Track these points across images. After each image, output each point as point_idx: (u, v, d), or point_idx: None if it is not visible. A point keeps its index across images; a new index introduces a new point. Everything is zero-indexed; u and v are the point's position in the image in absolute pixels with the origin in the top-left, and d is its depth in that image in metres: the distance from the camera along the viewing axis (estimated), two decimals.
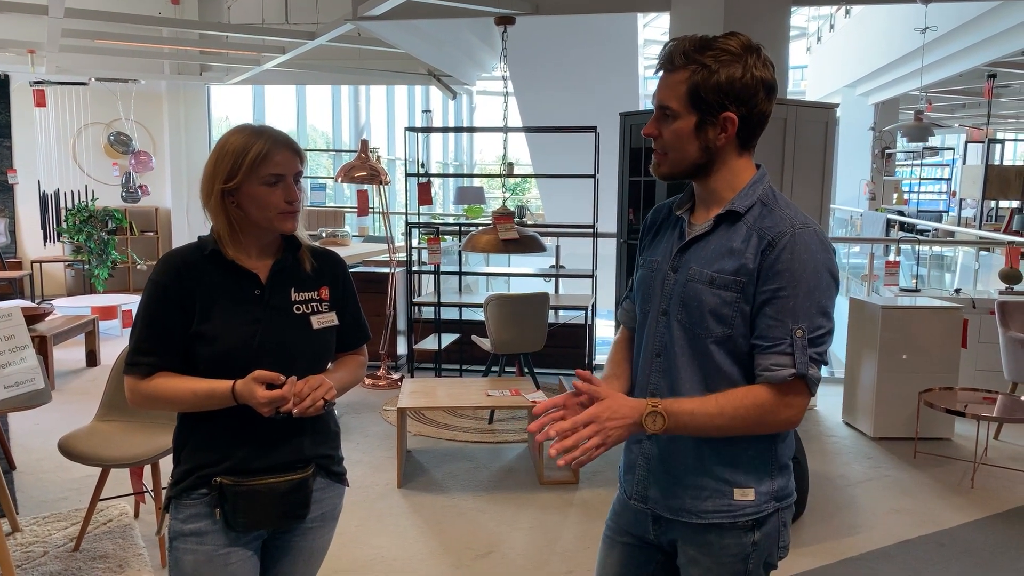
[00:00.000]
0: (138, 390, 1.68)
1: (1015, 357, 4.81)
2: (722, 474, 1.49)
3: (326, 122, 14.32)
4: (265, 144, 1.65)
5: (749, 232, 1.45)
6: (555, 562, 3.31)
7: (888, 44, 11.01)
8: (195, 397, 1.65)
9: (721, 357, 1.47)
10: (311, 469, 1.75)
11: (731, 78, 1.42)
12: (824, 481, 4.18)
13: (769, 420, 1.43)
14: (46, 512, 3.67)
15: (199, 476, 1.68)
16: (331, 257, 1.85)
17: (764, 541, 1.51)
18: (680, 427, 1.42)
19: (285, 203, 1.67)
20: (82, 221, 8.60)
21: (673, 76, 1.46)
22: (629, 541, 1.64)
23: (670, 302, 1.52)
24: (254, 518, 1.69)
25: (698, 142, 1.46)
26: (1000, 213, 10.84)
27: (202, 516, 1.68)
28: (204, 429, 1.70)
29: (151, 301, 1.67)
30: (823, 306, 1.42)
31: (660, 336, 1.54)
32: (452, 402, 4.30)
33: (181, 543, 1.69)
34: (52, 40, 6.79)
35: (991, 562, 3.36)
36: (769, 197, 1.49)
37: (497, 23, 5.72)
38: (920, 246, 7.30)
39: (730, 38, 1.45)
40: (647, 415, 1.40)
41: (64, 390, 5.74)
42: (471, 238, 4.83)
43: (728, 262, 1.45)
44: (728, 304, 1.45)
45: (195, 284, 1.66)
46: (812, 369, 1.41)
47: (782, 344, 1.41)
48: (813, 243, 1.42)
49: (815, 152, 4.66)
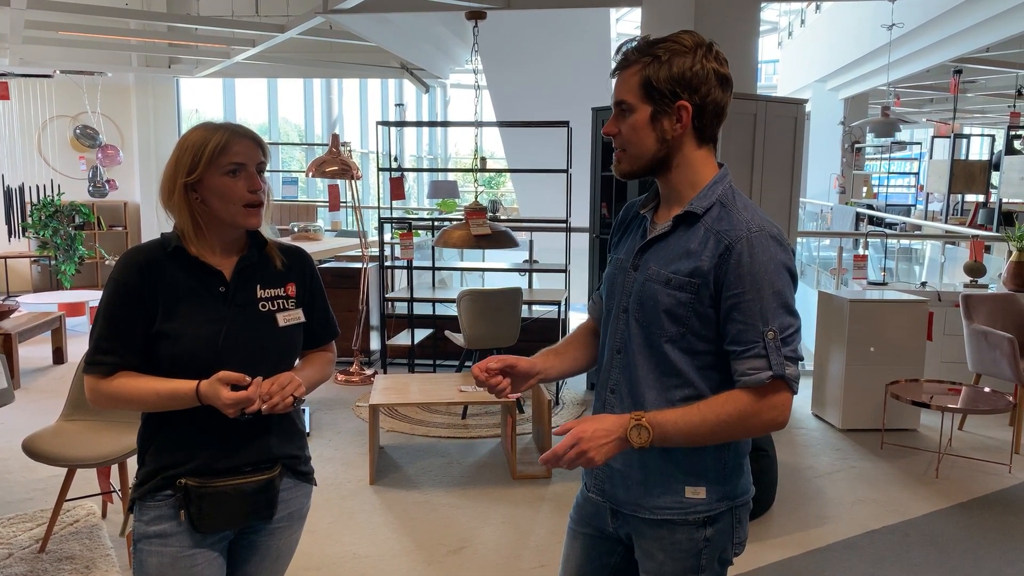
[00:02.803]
0: (99, 390, 1.66)
1: (979, 349, 4.91)
2: (674, 472, 1.51)
3: (298, 115, 14.18)
4: (224, 135, 1.65)
5: (707, 234, 1.46)
6: (527, 556, 3.33)
7: (857, 40, 11.13)
8: (158, 397, 1.63)
9: (676, 356, 1.49)
10: (278, 469, 1.74)
11: (682, 68, 1.44)
12: (793, 472, 4.23)
13: (753, 424, 1.44)
14: (11, 513, 3.61)
15: (163, 477, 1.67)
16: (298, 253, 1.84)
17: (717, 537, 1.53)
18: (665, 438, 1.43)
19: (248, 192, 1.66)
20: (48, 216, 8.45)
21: (627, 71, 1.48)
22: (591, 532, 1.67)
23: (629, 300, 1.54)
24: (220, 519, 1.68)
25: (654, 133, 1.47)
26: (965, 207, 11.02)
27: (167, 518, 1.67)
28: (168, 429, 1.68)
29: (112, 299, 1.65)
30: (788, 304, 1.44)
31: (620, 333, 1.56)
32: (425, 398, 4.29)
33: (146, 545, 1.67)
34: (15, 31, 6.65)
35: (953, 551, 3.43)
36: (728, 198, 1.49)
37: (468, 17, 5.70)
38: (888, 240, 7.40)
39: (683, 35, 1.47)
40: (631, 428, 1.42)
41: (30, 388, 5.65)
42: (443, 234, 4.82)
43: (684, 263, 1.46)
44: (683, 304, 1.46)
45: (157, 282, 1.64)
46: (790, 368, 1.42)
47: (755, 347, 1.42)
48: (770, 245, 1.43)
49: (785, 147, 4.70)
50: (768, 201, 4.58)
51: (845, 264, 6.66)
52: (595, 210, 5.73)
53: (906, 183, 17.72)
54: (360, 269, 6.13)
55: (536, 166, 7.28)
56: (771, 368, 1.40)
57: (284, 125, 14.42)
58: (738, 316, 1.42)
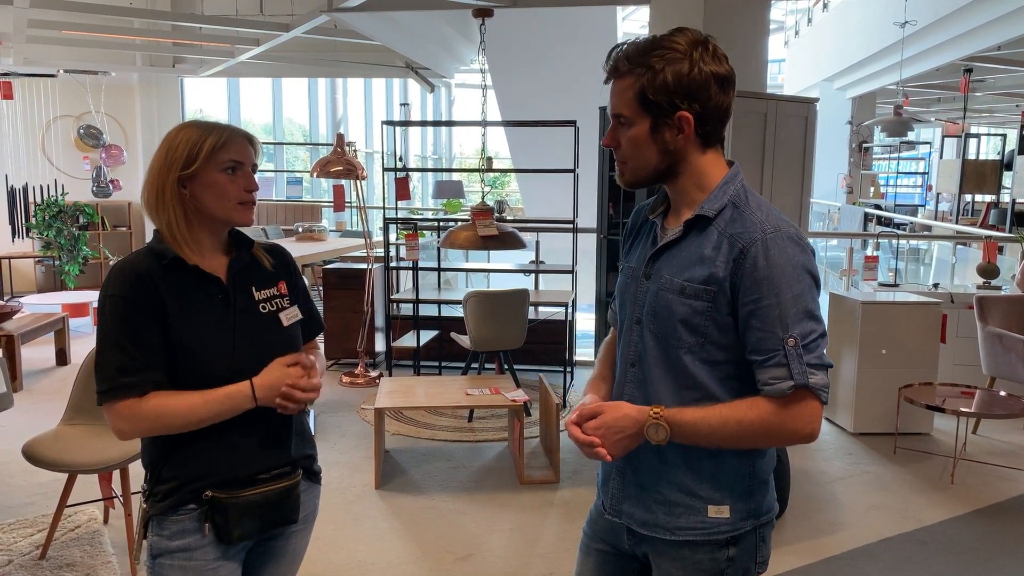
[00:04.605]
0: (138, 414, 1.54)
1: (993, 352, 4.83)
2: (696, 490, 1.45)
3: (303, 115, 14.14)
4: (223, 132, 1.62)
5: (720, 238, 1.39)
6: (536, 564, 3.26)
7: (866, 38, 11.05)
8: (208, 405, 1.56)
9: (695, 367, 1.42)
10: (299, 473, 1.72)
11: (678, 76, 1.36)
12: (805, 478, 4.16)
13: (778, 433, 1.37)
14: (12, 519, 3.56)
15: (188, 491, 1.60)
16: (280, 251, 1.81)
17: (741, 556, 1.47)
18: (684, 437, 1.37)
19: (245, 192, 1.62)
20: (51, 216, 8.40)
21: (620, 83, 1.41)
22: (605, 549, 1.61)
23: (643, 311, 1.47)
24: (248, 528, 1.64)
25: (656, 146, 1.40)
26: (976, 207, 10.92)
27: (190, 531, 1.61)
28: (184, 441, 1.60)
29: (115, 319, 1.54)
30: (809, 309, 1.36)
31: (634, 345, 1.50)
32: (430, 401, 4.23)
33: (167, 559, 1.61)
34: (18, 30, 6.61)
35: (972, 559, 3.36)
36: (741, 198, 1.42)
37: (475, 15, 5.64)
38: (898, 241, 7.32)
39: (677, 35, 1.39)
40: (649, 426, 1.37)
41: (33, 390, 5.60)
42: (449, 234, 4.76)
43: (698, 270, 1.39)
44: (699, 314, 1.39)
45: (159, 294, 1.56)
46: (814, 377, 1.34)
47: (776, 356, 1.35)
48: (788, 246, 1.36)
49: (795, 147, 4.62)
50: (779, 202, 4.51)
51: (855, 266, 6.59)
52: (602, 210, 5.66)
53: (913, 183, 17.63)
54: (365, 270, 6.08)
55: (542, 166, 7.22)
56: (792, 377, 1.33)
57: (288, 125, 14.38)
58: (756, 323, 1.35)
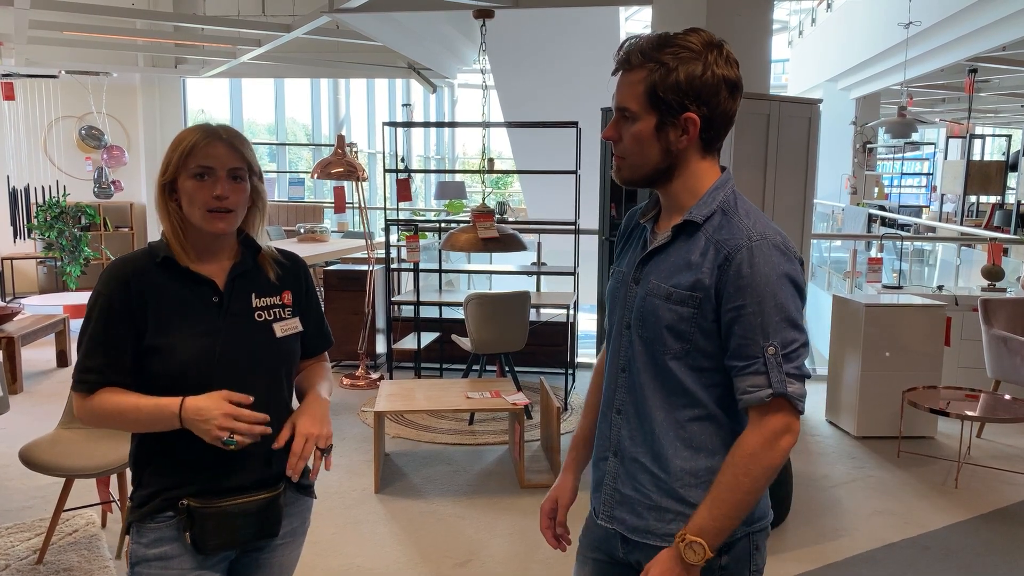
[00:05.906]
0: (84, 407, 1.60)
1: (998, 355, 4.79)
2: (687, 496, 1.43)
3: (305, 115, 14.13)
4: (196, 136, 1.58)
5: (707, 244, 1.38)
6: (536, 569, 3.24)
7: (870, 38, 11.00)
8: (137, 412, 1.55)
9: (682, 373, 1.40)
10: (282, 486, 1.67)
11: (691, 76, 1.34)
12: (808, 482, 4.13)
13: (769, 456, 1.35)
14: (9, 523, 3.54)
15: (164, 499, 1.59)
16: (292, 259, 1.77)
17: (733, 565, 1.45)
18: (717, 531, 1.35)
19: (212, 199, 1.57)
20: (53, 217, 8.40)
21: (631, 76, 1.38)
22: (600, 558, 1.59)
23: (632, 316, 1.46)
24: (224, 540, 1.61)
25: (659, 144, 1.39)
26: (981, 208, 10.87)
27: (168, 540, 1.59)
28: (166, 447, 1.60)
29: (97, 315, 1.57)
30: (792, 318, 1.34)
31: (624, 350, 1.48)
32: (431, 405, 4.21)
33: (145, 568, 1.60)
34: (20, 31, 6.60)
35: (976, 565, 3.32)
36: (730, 204, 1.40)
37: (476, 16, 5.62)
38: (903, 242, 7.28)
39: (691, 34, 1.37)
40: (685, 550, 1.35)
41: (33, 392, 5.59)
42: (450, 237, 4.73)
43: (685, 276, 1.38)
44: (685, 320, 1.38)
45: (146, 294, 1.57)
46: (792, 386, 1.33)
47: (755, 363, 1.33)
48: (772, 254, 1.34)
49: (798, 148, 4.59)
50: (782, 203, 4.48)
51: (859, 267, 6.55)
52: (604, 212, 5.63)
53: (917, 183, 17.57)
54: (366, 272, 6.06)
55: (544, 167, 7.19)
56: (771, 386, 1.32)
57: (291, 125, 14.37)
58: (738, 330, 1.34)
